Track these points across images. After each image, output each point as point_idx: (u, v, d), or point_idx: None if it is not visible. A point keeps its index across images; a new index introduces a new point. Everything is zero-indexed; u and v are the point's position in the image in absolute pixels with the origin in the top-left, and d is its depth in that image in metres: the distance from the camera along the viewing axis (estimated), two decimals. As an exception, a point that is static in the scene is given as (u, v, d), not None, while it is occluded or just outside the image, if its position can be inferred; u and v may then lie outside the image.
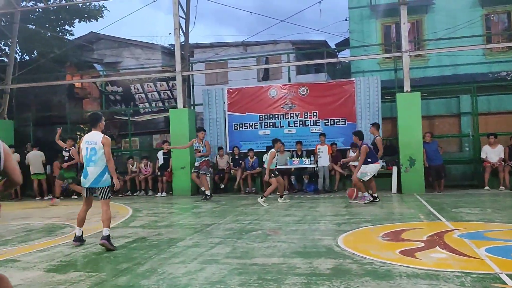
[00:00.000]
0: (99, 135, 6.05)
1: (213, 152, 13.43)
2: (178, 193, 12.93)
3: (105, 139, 5.99)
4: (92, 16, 19.90)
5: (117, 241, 6.31)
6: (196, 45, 21.93)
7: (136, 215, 9.09)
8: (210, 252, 5.41)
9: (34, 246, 6.27)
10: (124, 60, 22.29)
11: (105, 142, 5.95)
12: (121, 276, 4.51)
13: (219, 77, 21.37)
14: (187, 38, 14.04)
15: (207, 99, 14.36)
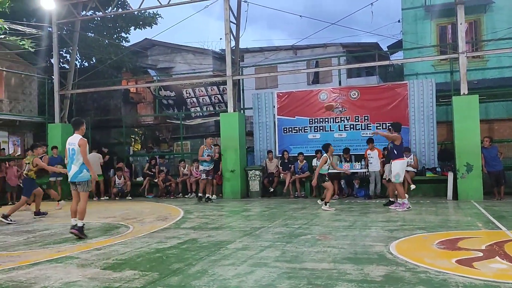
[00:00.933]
0: (78, 137, 6.86)
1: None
2: (228, 195, 13.08)
3: (82, 141, 6.82)
4: (146, 23, 20.65)
5: (169, 242, 6.47)
6: (246, 50, 22.15)
7: (187, 217, 9.28)
8: (259, 255, 5.42)
9: (92, 244, 6.55)
10: (177, 66, 22.92)
11: (81, 143, 6.80)
12: (173, 276, 4.61)
13: (269, 81, 21.45)
14: (237, 43, 14.21)
15: (256, 103, 14.45)
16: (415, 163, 12.11)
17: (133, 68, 20.73)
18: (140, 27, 20.89)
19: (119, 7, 18.35)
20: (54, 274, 4.81)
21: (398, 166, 9.24)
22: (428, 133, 12.69)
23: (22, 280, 4.60)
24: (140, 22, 20.66)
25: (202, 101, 18.45)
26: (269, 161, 13.56)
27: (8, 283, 4.53)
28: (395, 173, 9.24)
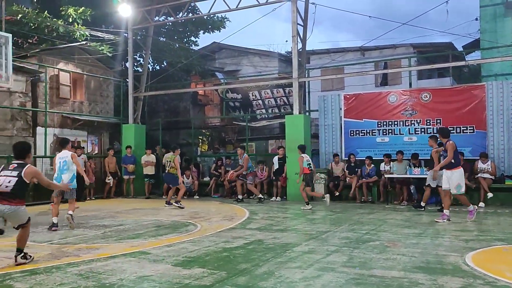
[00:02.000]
0: (68, 153, 8.33)
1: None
2: (292, 198, 13.04)
3: (73, 155, 8.38)
4: (215, 27, 21.19)
5: (235, 242, 6.58)
6: (312, 52, 22.01)
7: (253, 218, 9.38)
8: (326, 259, 5.36)
9: (163, 241, 6.81)
10: (243, 68, 23.26)
11: (73, 156, 8.34)
12: (241, 276, 4.68)
13: (335, 83, 21.15)
14: (304, 45, 14.16)
15: (323, 105, 14.30)
16: (492, 170, 11.38)
17: (202, 71, 21.32)
18: (208, 31, 21.48)
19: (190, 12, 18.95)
20: (129, 268, 5.06)
21: (458, 176, 8.43)
22: (508, 138, 11.89)
23: (100, 272, 4.89)
24: (209, 26, 21.23)
25: (267, 103, 18.58)
26: (335, 165, 13.35)
27: (88, 273, 4.83)
28: (456, 183, 8.38)
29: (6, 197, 5.20)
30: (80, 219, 9.45)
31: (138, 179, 15.40)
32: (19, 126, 13.89)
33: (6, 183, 5.24)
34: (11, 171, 5.38)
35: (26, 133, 14.05)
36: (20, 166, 5.44)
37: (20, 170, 5.35)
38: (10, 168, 5.43)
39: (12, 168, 5.41)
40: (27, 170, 5.38)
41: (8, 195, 5.21)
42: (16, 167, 5.42)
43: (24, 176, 5.32)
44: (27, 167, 5.42)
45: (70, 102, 15.64)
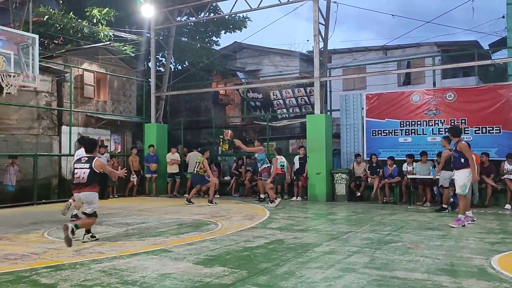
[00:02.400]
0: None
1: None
2: (313, 198, 12.98)
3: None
4: (236, 27, 21.25)
5: (256, 241, 6.59)
6: (334, 51, 21.87)
7: (273, 217, 9.37)
8: (347, 260, 5.32)
9: (184, 239, 6.87)
10: (264, 68, 23.26)
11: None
12: (261, 275, 4.69)
13: (357, 82, 20.96)
14: (326, 44, 14.06)
15: (344, 104, 14.19)
16: (520, 171, 11.09)
17: (223, 70, 21.41)
18: (230, 31, 21.55)
19: (211, 12, 19.06)
20: (151, 265, 5.12)
21: (465, 176, 8.00)
22: (536, 139, 11.57)
23: (123, 269, 4.96)
24: (230, 26, 21.31)
25: (288, 103, 18.53)
26: (357, 165, 13.23)
27: (111, 270, 4.91)
28: (461, 183, 7.95)
29: (83, 186, 6.47)
30: (103, 216, 9.60)
31: (160, 178, 15.57)
32: (45, 125, 14.20)
33: (82, 174, 6.49)
34: (83, 163, 6.58)
35: (51, 132, 14.35)
36: (90, 159, 6.60)
37: (91, 162, 6.54)
38: (82, 161, 6.61)
39: (84, 161, 6.59)
40: (96, 163, 6.57)
41: (84, 185, 6.48)
42: (87, 160, 6.59)
43: (94, 167, 6.51)
44: (96, 160, 6.61)
45: (94, 102, 15.91)
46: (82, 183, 6.49)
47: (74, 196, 6.82)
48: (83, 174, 6.49)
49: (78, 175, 6.52)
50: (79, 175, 6.51)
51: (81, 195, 6.53)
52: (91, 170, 6.47)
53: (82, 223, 6.50)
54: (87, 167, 6.49)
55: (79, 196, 6.56)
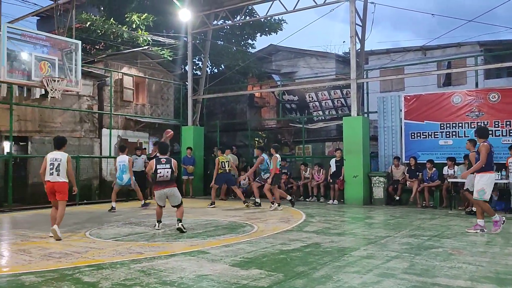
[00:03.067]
0: (126, 157, 9.20)
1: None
2: (350, 201, 12.80)
3: (129, 159, 9.53)
4: (272, 30, 21.28)
5: (292, 244, 6.55)
6: (371, 52, 21.52)
7: (310, 221, 9.30)
8: (386, 265, 5.21)
9: (221, 241, 6.92)
10: (300, 70, 23.17)
11: (129, 160, 9.45)
12: (298, 279, 4.66)
13: (395, 83, 20.54)
14: (363, 45, 13.85)
15: (382, 106, 13.93)
16: None
17: (258, 73, 21.47)
18: (265, 34, 21.61)
19: (247, 15, 19.17)
20: (189, 266, 5.19)
21: (485, 181, 7.58)
22: None
23: (161, 269, 5.05)
24: (266, 28, 21.37)
25: (324, 105, 18.36)
26: (395, 168, 12.95)
27: (150, 270, 5.01)
28: (479, 188, 7.56)
29: (168, 183, 7.62)
30: (142, 217, 9.84)
31: (196, 180, 15.78)
32: (87, 128, 14.68)
33: (166, 173, 7.61)
34: (164, 164, 7.69)
35: (92, 135, 14.82)
36: (169, 160, 7.77)
37: (170, 163, 7.72)
38: (162, 162, 7.69)
39: (164, 162, 7.69)
40: (174, 163, 7.82)
41: (168, 182, 7.64)
42: (166, 161, 7.71)
43: (173, 166, 7.72)
44: (172, 161, 7.82)
45: (133, 105, 16.32)
46: (166, 181, 7.64)
47: (159, 192, 7.71)
48: (166, 173, 7.63)
49: (162, 174, 7.61)
50: (163, 174, 7.61)
51: (166, 190, 7.66)
52: (171, 170, 7.65)
53: (180, 213, 7.74)
54: (168, 167, 7.65)
55: (164, 192, 7.67)
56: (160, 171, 7.63)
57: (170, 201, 7.84)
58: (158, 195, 7.79)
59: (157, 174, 7.64)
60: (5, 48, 9.13)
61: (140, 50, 16.39)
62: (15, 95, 12.15)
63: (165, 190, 7.68)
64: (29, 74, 9.66)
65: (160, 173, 7.63)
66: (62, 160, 7.27)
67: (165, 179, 7.67)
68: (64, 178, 7.24)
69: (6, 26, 9.30)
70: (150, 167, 7.80)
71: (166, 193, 7.71)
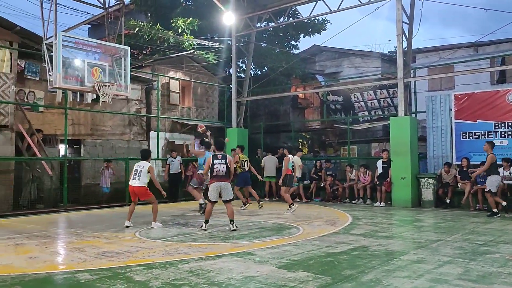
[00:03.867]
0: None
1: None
2: (398, 204, 12.47)
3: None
4: (316, 30, 21.10)
5: (339, 247, 6.46)
6: (418, 50, 20.90)
7: (356, 223, 9.14)
8: (438, 270, 5.03)
9: (267, 242, 6.93)
10: (344, 70, 22.85)
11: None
12: (346, 282, 4.59)
13: (444, 82, 19.85)
14: (410, 43, 13.48)
15: (430, 106, 13.49)
16: None
17: (302, 74, 21.36)
18: (309, 34, 21.46)
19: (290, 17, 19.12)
20: (236, 268, 5.23)
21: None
22: None
23: (209, 270, 5.12)
24: (309, 29, 21.22)
25: (370, 105, 18.02)
26: (445, 173, 12.45)
27: (198, 271, 5.09)
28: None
29: (223, 177, 8.05)
30: (188, 218, 10.03)
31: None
32: (135, 131, 15.14)
33: (222, 168, 8.05)
34: (220, 160, 8.13)
35: (141, 137, 15.27)
36: (224, 156, 8.21)
37: (225, 159, 8.15)
38: (219, 158, 8.14)
39: (220, 158, 8.14)
40: (229, 159, 8.23)
41: (223, 176, 8.07)
42: (222, 157, 8.16)
43: (228, 163, 8.12)
44: (228, 156, 8.27)
45: (179, 108, 16.67)
46: (222, 175, 8.06)
47: (214, 185, 8.08)
48: (222, 168, 8.05)
49: (218, 169, 8.05)
50: (219, 169, 8.05)
51: (221, 183, 8.07)
52: (226, 165, 8.07)
53: (231, 213, 8.14)
54: (224, 163, 8.07)
55: (219, 184, 8.07)
56: (216, 166, 8.07)
57: (223, 195, 8.13)
58: (212, 188, 8.12)
59: (213, 169, 8.06)
60: (60, 55, 9.57)
61: (185, 54, 16.73)
62: (69, 100, 12.74)
63: (220, 183, 8.07)
64: (82, 80, 10.07)
65: (217, 168, 8.06)
66: (144, 168, 8.52)
67: (219, 174, 8.07)
68: (143, 183, 8.49)
69: (61, 35, 9.74)
70: (208, 163, 8.23)
71: (220, 186, 8.07)
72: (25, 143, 11.95)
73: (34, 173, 12.18)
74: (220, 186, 8.11)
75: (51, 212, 11.49)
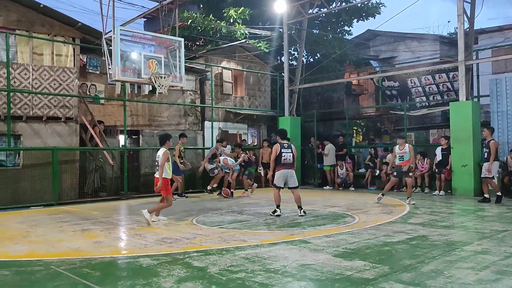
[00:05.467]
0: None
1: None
2: (459, 193, 11.95)
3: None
4: (369, 14, 20.49)
5: (396, 236, 6.31)
6: (481, 30, 19.74)
7: (414, 212, 8.87)
8: (505, 262, 4.78)
9: (321, 231, 6.89)
10: (400, 54, 22.08)
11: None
12: (405, 272, 4.47)
13: (509, 64, 18.67)
14: (471, 23, 12.76)
15: (495, 89, 12.75)
16: None
17: (356, 60, 20.87)
18: (363, 19, 20.89)
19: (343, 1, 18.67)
20: (291, 255, 5.24)
21: None
22: None
23: (265, 257, 5.17)
24: (363, 13, 20.65)
25: (428, 90, 17.33)
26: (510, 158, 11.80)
27: (254, 258, 5.15)
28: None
29: (290, 165, 8.41)
30: (243, 206, 10.17)
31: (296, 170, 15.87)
32: (190, 121, 15.47)
33: (289, 156, 8.40)
34: (287, 149, 8.44)
35: (196, 127, 15.59)
36: (289, 145, 8.56)
37: (291, 148, 8.51)
38: (285, 147, 8.44)
39: (286, 147, 8.45)
40: (294, 148, 8.59)
41: (290, 164, 8.43)
42: (287, 146, 8.49)
43: (293, 151, 8.48)
44: (293, 146, 8.61)
45: (232, 98, 16.83)
46: (289, 163, 8.40)
47: (281, 172, 8.36)
48: (289, 156, 8.40)
49: (286, 157, 8.37)
50: (286, 157, 8.38)
51: (288, 171, 8.39)
52: (292, 154, 8.45)
53: (298, 199, 8.47)
54: (290, 151, 8.43)
55: (286, 172, 8.39)
56: (284, 154, 8.37)
57: (289, 182, 8.44)
58: (279, 175, 8.39)
59: (281, 157, 8.35)
60: (119, 49, 9.91)
61: (237, 44, 16.82)
62: (127, 92, 13.23)
63: (288, 171, 8.38)
64: (139, 72, 10.39)
65: (284, 156, 8.37)
66: (160, 156, 7.65)
67: (287, 162, 8.38)
68: (159, 174, 7.57)
69: (119, 29, 10.08)
70: (275, 150, 8.44)
71: (287, 173, 8.38)
72: (88, 134, 12.56)
73: (97, 163, 12.79)
74: (287, 174, 8.38)
75: (113, 199, 12.06)
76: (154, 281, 4.30)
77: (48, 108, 11.62)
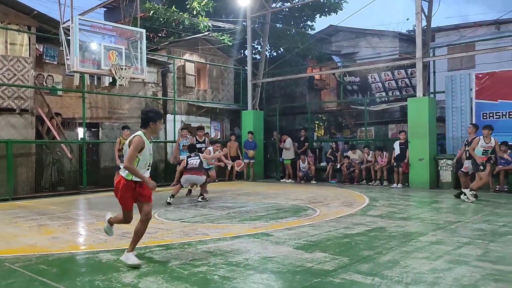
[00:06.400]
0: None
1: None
2: (415, 185, 12.37)
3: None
4: (332, 10, 20.75)
5: (356, 228, 6.47)
6: (438, 28, 20.41)
7: (373, 205, 9.12)
8: (457, 251, 5.00)
9: (283, 224, 6.97)
10: (361, 50, 22.52)
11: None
12: (363, 263, 4.59)
13: (464, 61, 19.40)
14: (429, 22, 13.17)
15: (450, 86, 13.23)
16: None
17: (318, 55, 21.11)
18: (325, 14, 21.13)
19: (306, -4, 18.75)
20: (253, 248, 5.28)
21: None
22: None
23: (227, 250, 5.18)
24: (325, 9, 20.88)
25: (388, 86, 17.76)
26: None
27: (216, 251, 5.15)
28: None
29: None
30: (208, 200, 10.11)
31: (257, 164, 15.95)
32: (152, 113, 15.21)
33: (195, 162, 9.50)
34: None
35: (158, 120, 15.34)
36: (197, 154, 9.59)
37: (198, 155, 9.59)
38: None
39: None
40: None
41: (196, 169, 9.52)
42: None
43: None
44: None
45: (195, 91, 16.68)
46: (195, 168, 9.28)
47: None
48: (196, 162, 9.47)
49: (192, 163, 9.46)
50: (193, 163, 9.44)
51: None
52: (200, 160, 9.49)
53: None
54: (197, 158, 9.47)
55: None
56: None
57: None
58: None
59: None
60: (77, 39, 9.61)
61: (201, 36, 16.65)
62: (86, 83, 12.85)
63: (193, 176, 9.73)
64: (98, 63, 10.12)
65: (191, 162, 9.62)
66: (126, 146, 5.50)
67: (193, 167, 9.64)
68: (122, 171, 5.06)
69: (78, 18, 9.77)
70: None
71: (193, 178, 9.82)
72: (45, 127, 12.13)
73: (54, 156, 12.39)
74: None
75: (71, 194, 11.73)
76: (114, 276, 4.23)
77: (1, 99, 11.14)
